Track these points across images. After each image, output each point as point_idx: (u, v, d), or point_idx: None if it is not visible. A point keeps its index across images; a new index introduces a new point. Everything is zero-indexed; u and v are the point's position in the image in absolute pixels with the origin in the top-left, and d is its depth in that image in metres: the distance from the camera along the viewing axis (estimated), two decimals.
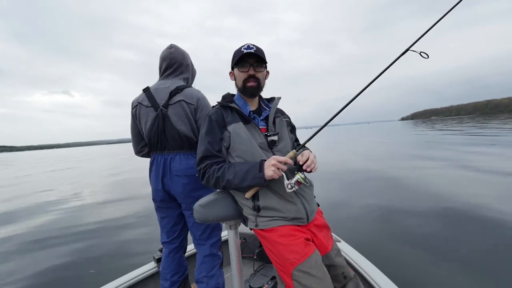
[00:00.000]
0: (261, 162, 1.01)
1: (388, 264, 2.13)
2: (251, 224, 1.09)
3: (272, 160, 1.00)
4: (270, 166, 0.98)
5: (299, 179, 0.99)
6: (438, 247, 2.75)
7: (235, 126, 1.11)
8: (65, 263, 3.10)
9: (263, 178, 0.98)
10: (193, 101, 1.43)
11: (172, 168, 1.42)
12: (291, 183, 0.99)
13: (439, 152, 10.25)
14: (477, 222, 3.29)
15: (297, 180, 0.99)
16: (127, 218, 4.68)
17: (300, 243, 0.97)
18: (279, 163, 0.99)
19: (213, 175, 1.05)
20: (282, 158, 1.01)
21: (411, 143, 15.97)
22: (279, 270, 1.00)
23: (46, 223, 4.74)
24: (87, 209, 5.56)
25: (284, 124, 1.23)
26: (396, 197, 4.66)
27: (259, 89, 1.19)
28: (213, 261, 1.51)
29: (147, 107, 1.43)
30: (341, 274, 1.05)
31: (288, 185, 0.99)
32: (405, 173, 6.58)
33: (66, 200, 6.65)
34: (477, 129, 23.81)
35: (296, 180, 0.99)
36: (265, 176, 0.98)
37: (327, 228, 1.15)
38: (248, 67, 1.14)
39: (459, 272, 2.30)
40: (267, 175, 0.98)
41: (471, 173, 6.05)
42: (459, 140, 14.77)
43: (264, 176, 0.98)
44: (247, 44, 1.15)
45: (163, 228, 1.58)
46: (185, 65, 1.54)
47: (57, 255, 3.31)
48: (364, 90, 1.14)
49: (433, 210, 3.85)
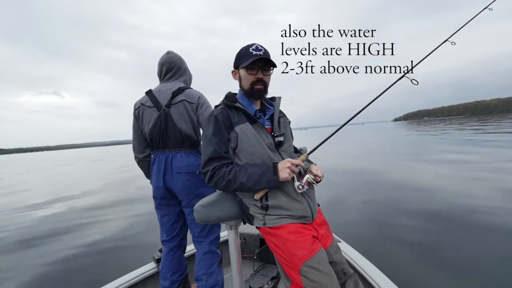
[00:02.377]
0: (275, 165, 1.03)
1: (388, 264, 2.16)
2: (258, 222, 1.09)
3: (287, 162, 1.02)
4: (285, 169, 1.01)
5: (310, 180, 1.04)
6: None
7: (243, 127, 1.10)
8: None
9: (278, 181, 1.01)
10: (194, 100, 1.48)
11: (173, 165, 1.46)
12: (302, 183, 1.04)
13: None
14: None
15: (308, 181, 1.04)
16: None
17: (308, 240, 0.99)
18: (293, 165, 1.02)
19: (223, 177, 1.04)
20: (296, 161, 1.04)
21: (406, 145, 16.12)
22: (285, 266, 1.01)
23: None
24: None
25: (287, 124, 1.26)
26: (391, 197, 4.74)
27: (266, 91, 1.19)
28: (212, 258, 1.53)
29: (150, 107, 1.49)
30: (341, 270, 1.06)
31: (299, 185, 1.04)
32: (400, 173, 6.69)
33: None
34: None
35: (306, 181, 1.04)
36: (280, 179, 1.01)
37: (326, 224, 1.18)
38: (257, 70, 1.12)
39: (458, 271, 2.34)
40: (282, 177, 1.01)
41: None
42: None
43: (279, 179, 1.01)
44: (255, 45, 1.13)
45: (163, 226, 1.60)
46: (183, 68, 1.61)
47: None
48: (362, 110, 1.26)
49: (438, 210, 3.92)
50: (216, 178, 1.05)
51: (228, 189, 1.06)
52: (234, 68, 1.21)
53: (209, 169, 1.07)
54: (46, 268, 3.03)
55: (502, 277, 2.18)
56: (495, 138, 13.97)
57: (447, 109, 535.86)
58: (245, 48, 1.14)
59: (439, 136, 19.18)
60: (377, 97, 1.27)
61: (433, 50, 1.42)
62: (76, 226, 4.56)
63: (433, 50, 1.42)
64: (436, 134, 21.15)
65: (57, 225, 4.69)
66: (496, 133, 17.21)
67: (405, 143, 16.65)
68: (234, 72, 1.21)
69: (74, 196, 7.39)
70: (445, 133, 22.00)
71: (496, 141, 12.63)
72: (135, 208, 5.50)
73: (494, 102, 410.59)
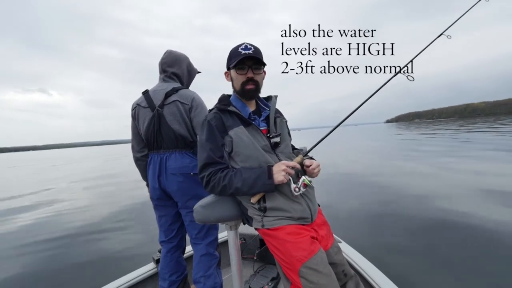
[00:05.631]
0: (269, 168, 1.02)
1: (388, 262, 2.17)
2: (257, 224, 1.08)
3: (281, 165, 1.01)
4: (280, 172, 0.99)
5: (306, 182, 1.02)
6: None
7: (237, 131, 1.08)
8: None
9: (273, 185, 0.99)
10: (188, 101, 1.47)
11: (167, 166, 1.46)
12: (298, 186, 1.02)
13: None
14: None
15: (304, 183, 1.02)
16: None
17: (307, 241, 0.98)
18: (288, 168, 1.00)
19: (218, 183, 1.04)
20: (291, 163, 1.02)
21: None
22: (285, 268, 0.99)
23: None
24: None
25: (284, 124, 1.24)
26: None
27: (258, 91, 1.16)
28: (209, 260, 1.51)
29: (145, 108, 1.49)
30: (341, 271, 1.05)
31: (296, 188, 1.02)
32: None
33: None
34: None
35: (302, 183, 1.02)
36: (275, 182, 0.99)
37: (327, 225, 1.17)
38: (247, 70, 1.10)
39: None
40: (277, 181, 0.99)
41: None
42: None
43: (273, 182, 0.99)
44: (245, 43, 1.11)
45: (161, 227, 1.60)
46: (177, 68, 1.58)
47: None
48: (359, 107, 1.27)
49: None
50: (212, 184, 1.05)
51: (224, 194, 1.06)
52: (227, 69, 1.19)
53: (205, 175, 1.07)
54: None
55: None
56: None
57: (437, 111, 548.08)
58: (234, 48, 1.12)
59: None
60: (374, 93, 1.26)
61: (429, 44, 1.39)
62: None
63: (429, 44, 1.39)
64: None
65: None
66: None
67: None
68: (227, 73, 1.20)
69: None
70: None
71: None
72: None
73: (482, 105, 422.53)
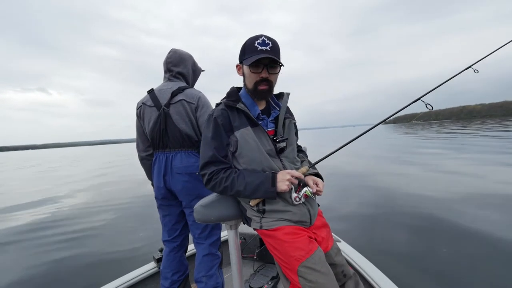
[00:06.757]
0: (274, 176, 1.00)
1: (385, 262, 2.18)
2: (255, 224, 1.08)
3: (286, 174, 1.00)
4: (284, 181, 0.99)
5: (307, 193, 1.03)
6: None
7: (244, 132, 1.05)
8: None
9: (275, 192, 0.99)
10: (194, 100, 1.47)
11: (173, 166, 1.46)
12: (299, 196, 1.03)
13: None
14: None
15: (305, 194, 1.03)
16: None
17: (304, 240, 0.98)
18: (293, 178, 1.00)
19: (220, 183, 1.03)
20: (296, 174, 1.02)
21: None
22: (283, 267, 1.00)
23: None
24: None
25: (292, 127, 1.19)
26: None
27: (271, 92, 1.11)
28: (212, 260, 1.52)
29: (150, 107, 1.48)
30: (341, 272, 1.06)
31: (296, 197, 1.03)
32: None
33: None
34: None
35: (304, 194, 1.03)
36: (278, 190, 0.99)
37: (327, 227, 1.16)
38: (262, 68, 1.03)
39: None
40: (280, 189, 0.98)
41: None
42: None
43: (276, 190, 0.99)
44: (262, 37, 1.01)
45: (164, 226, 1.60)
46: (183, 67, 1.57)
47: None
48: (372, 128, 1.30)
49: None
50: (213, 183, 1.04)
51: (225, 194, 1.06)
52: (239, 62, 1.11)
53: (207, 173, 1.05)
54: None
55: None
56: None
57: (434, 113, 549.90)
58: (250, 40, 1.03)
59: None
60: (387, 118, 1.31)
61: (454, 76, 1.46)
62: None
63: (454, 76, 1.45)
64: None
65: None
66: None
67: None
68: (239, 66, 1.12)
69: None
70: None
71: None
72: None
73: (478, 108, 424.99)
